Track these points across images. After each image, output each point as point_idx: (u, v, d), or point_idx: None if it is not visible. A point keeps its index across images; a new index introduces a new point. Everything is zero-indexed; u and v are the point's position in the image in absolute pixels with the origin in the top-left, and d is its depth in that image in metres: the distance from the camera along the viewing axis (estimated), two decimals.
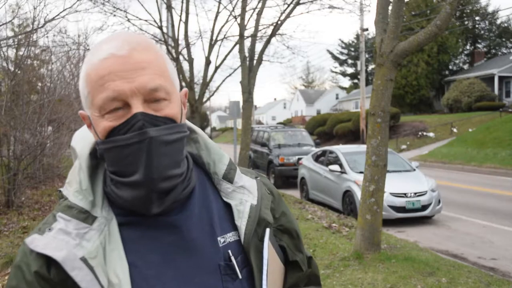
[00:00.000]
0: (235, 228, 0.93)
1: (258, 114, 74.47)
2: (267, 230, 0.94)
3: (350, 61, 57.46)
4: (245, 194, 0.96)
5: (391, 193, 8.19)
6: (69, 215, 0.83)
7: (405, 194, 8.43)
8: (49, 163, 12.23)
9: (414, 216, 8.45)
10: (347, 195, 9.16)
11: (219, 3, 14.28)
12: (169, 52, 14.44)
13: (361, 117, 25.92)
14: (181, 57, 14.64)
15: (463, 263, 5.87)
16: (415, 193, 8.47)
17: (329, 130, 31.63)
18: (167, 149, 0.83)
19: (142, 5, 13.43)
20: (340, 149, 10.58)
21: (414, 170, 9.66)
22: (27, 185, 9.99)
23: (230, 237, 0.92)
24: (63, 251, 0.79)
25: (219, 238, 0.91)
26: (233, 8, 13.97)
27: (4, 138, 9.04)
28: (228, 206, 0.95)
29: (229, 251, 0.90)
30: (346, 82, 65.74)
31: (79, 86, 0.87)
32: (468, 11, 38.69)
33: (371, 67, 44.72)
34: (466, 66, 40.47)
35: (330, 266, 5.43)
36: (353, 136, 28.67)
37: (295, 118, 57.68)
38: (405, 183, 8.80)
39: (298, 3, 13.54)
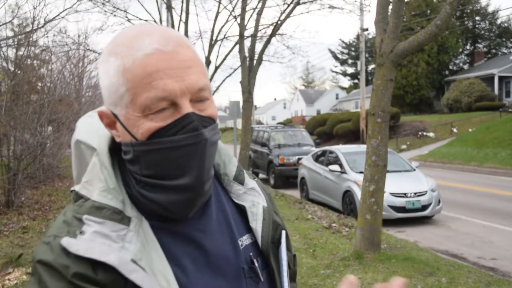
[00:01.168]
0: (248, 230, 0.92)
1: (258, 114, 74.48)
2: (283, 232, 0.94)
3: (350, 61, 57.49)
4: (255, 196, 0.95)
5: (391, 193, 8.19)
6: (100, 217, 0.76)
7: (405, 194, 8.43)
8: (49, 163, 12.22)
9: (414, 216, 8.45)
10: (347, 195, 9.16)
11: (219, 3, 14.29)
12: None
13: (361, 117, 25.92)
14: None
15: (463, 263, 5.87)
16: (415, 193, 8.47)
17: (329, 130, 31.63)
18: (213, 150, 0.81)
19: (142, 5, 13.47)
20: (340, 149, 10.58)
21: (414, 170, 9.66)
22: (27, 185, 9.99)
23: (245, 239, 0.90)
24: (111, 255, 0.73)
25: (238, 241, 0.89)
26: (233, 8, 13.99)
27: (4, 138, 9.04)
28: (238, 208, 0.93)
29: (251, 254, 0.88)
30: (346, 82, 65.80)
31: (106, 81, 0.79)
32: (468, 11, 38.69)
33: (371, 67, 44.72)
34: (466, 66, 40.48)
35: (330, 266, 5.43)
36: (353, 136, 28.67)
37: (295, 118, 57.68)
38: (405, 183, 8.79)
39: (298, 3, 13.54)
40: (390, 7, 5.70)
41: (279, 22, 13.77)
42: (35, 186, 11.15)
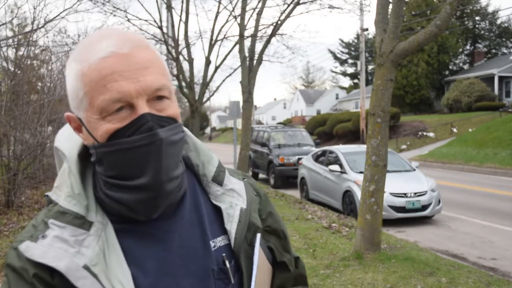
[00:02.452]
0: (224, 232, 0.91)
1: (258, 114, 74.47)
2: (258, 235, 0.92)
3: (350, 61, 57.48)
4: (234, 197, 0.94)
5: (391, 193, 8.19)
6: (63, 222, 0.79)
7: (405, 194, 8.43)
8: (49, 163, 12.21)
9: (414, 216, 8.45)
10: (347, 195, 9.16)
11: (219, 3, 14.29)
12: (169, 52, 14.44)
13: (361, 117, 25.92)
14: (181, 57, 14.66)
15: (463, 263, 5.87)
16: (415, 193, 8.47)
17: (329, 130, 31.63)
18: (173, 150, 0.81)
19: (142, 5, 13.48)
20: (340, 149, 10.58)
21: (414, 170, 9.66)
22: (27, 185, 9.99)
23: (219, 241, 0.90)
24: (63, 260, 0.76)
25: (210, 242, 0.89)
26: (233, 8, 13.99)
27: (4, 138, 9.04)
28: (217, 209, 0.93)
29: (224, 254, 0.88)
30: (346, 82, 65.78)
31: (69, 86, 0.81)
32: (469, 11, 38.69)
33: (371, 67, 44.72)
34: (466, 66, 40.47)
35: (330, 266, 5.43)
36: (353, 136, 28.67)
37: (295, 118, 57.66)
38: (405, 183, 8.79)
39: (298, 3, 13.54)
40: (390, 7, 5.70)
41: (279, 22, 13.77)
42: (35, 186, 11.15)
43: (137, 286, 0.79)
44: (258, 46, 14.35)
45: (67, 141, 0.89)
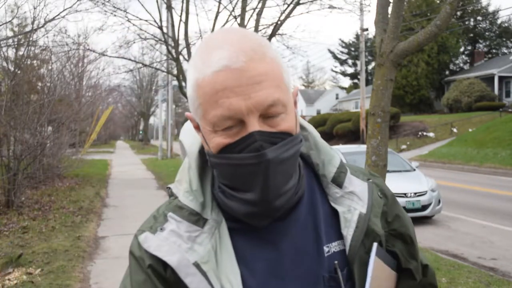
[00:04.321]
0: (340, 237, 0.87)
1: None
2: (374, 245, 0.87)
3: (350, 61, 57.53)
4: (354, 200, 0.89)
5: None
6: (180, 216, 0.82)
7: (405, 194, 8.43)
8: (49, 163, 12.24)
9: (414, 216, 8.44)
10: None
11: (219, 3, 14.28)
12: (169, 52, 14.45)
13: (361, 117, 25.92)
14: (181, 57, 14.65)
15: (463, 263, 5.87)
16: (415, 193, 8.47)
17: (329, 130, 31.65)
18: (283, 167, 0.78)
19: (142, 5, 13.43)
20: (340, 149, 10.58)
21: (414, 170, 9.66)
22: (27, 185, 9.99)
23: (335, 246, 0.86)
24: (175, 255, 0.79)
25: (324, 247, 0.85)
26: (233, 8, 13.98)
27: (4, 138, 9.04)
28: (335, 213, 0.89)
29: (336, 262, 0.84)
30: (346, 82, 65.85)
31: (188, 90, 0.81)
32: (469, 11, 38.70)
33: (371, 67, 44.74)
34: (466, 66, 40.50)
35: None
36: (353, 136, 28.68)
37: None
38: (405, 183, 8.79)
39: (298, 3, 13.55)
40: (390, 7, 5.70)
41: (279, 22, 13.78)
42: (35, 186, 11.16)
43: (246, 286, 0.79)
44: None
45: (190, 135, 0.90)
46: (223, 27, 0.89)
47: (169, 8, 14.47)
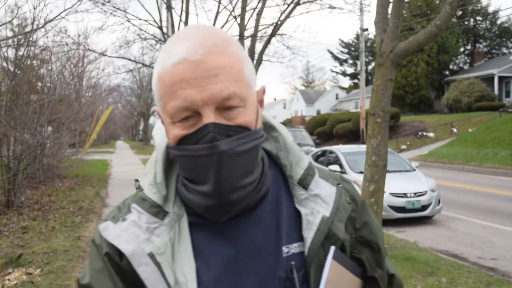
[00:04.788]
0: (301, 239, 0.87)
1: None
2: (332, 248, 0.86)
3: (350, 61, 57.53)
4: (318, 203, 0.89)
5: (391, 193, 8.19)
6: (142, 208, 0.84)
7: (405, 194, 8.43)
8: (49, 163, 12.24)
9: (414, 216, 8.45)
10: None
11: (219, 3, 14.28)
12: None
13: (361, 117, 25.93)
14: None
15: (463, 263, 5.87)
16: (415, 193, 8.47)
17: (329, 130, 31.66)
18: (239, 160, 0.78)
19: (142, 5, 13.47)
20: (340, 149, 10.59)
21: (414, 170, 9.67)
22: (27, 185, 9.99)
23: (294, 247, 0.86)
24: (131, 244, 0.80)
25: (283, 248, 0.85)
26: (233, 8, 13.99)
27: (4, 138, 9.04)
28: (299, 214, 0.89)
29: (293, 263, 0.84)
30: (346, 82, 65.84)
31: (152, 84, 0.83)
32: (469, 11, 38.69)
33: (371, 67, 44.74)
34: (466, 66, 40.50)
35: None
36: (353, 136, 28.69)
37: (295, 118, 57.64)
38: (405, 183, 8.80)
39: (298, 3, 13.55)
40: (390, 7, 5.70)
41: (279, 22, 13.78)
42: (35, 186, 11.16)
43: (200, 280, 0.80)
44: (258, 46, 14.37)
45: (160, 131, 0.91)
46: (194, 24, 0.89)
47: (169, 8, 14.47)
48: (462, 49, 39.56)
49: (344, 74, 60.78)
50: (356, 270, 0.92)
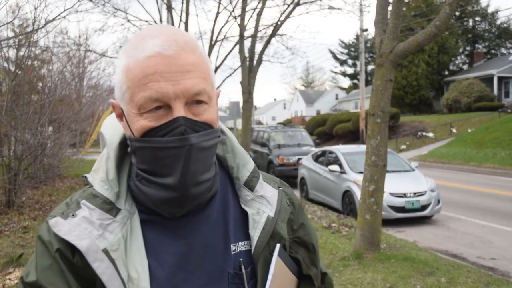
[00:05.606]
0: (248, 237, 0.91)
1: (258, 114, 74.47)
2: (277, 245, 0.91)
3: (350, 62, 57.50)
4: (263, 204, 0.94)
5: (390, 193, 8.22)
6: (93, 204, 0.83)
7: (404, 194, 8.45)
8: (50, 163, 12.24)
9: (414, 216, 8.47)
10: (347, 195, 9.18)
11: (219, 3, 14.30)
12: None
13: (361, 117, 25.94)
14: None
15: (463, 263, 5.89)
16: (415, 193, 8.49)
17: (329, 130, 31.65)
18: (203, 155, 0.82)
19: (142, 5, 13.51)
20: (339, 149, 10.60)
21: (414, 170, 9.68)
22: (27, 185, 10.01)
23: (241, 246, 0.90)
24: (85, 240, 0.80)
25: (231, 245, 0.89)
26: (233, 9, 14.01)
27: (5, 138, 9.06)
28: (245, 214, 0.93)
29: (241, 260, 0.88)
30: (346, 82, 65.84)
31: (115, 76, 0.85)
32: (468, 11, 38.71)
33: (370, 67, 44.75)
34: (465, 67, 40.51)
35: (329, 266, 5.46)
36: (353, 136, 28.69)
37: (295, 118, 57.68)
38: (405, 183, 8.82)
39: (298, 4, 13.57)
40: (390, 7, 5.72)
41: (279, 23, 13.80)
42: (35, 186, 11.16)
43: (153, 277, 0.82)
44: (258, 47, 14.44)
45: (111, 127, 0.93)
46: (158, 24, 0.93)
47: (169, 8, 14.50)
48: (461, 50, 39.56)
49: (344, 74, 60.77)
50: (294, 269, 0.98)
